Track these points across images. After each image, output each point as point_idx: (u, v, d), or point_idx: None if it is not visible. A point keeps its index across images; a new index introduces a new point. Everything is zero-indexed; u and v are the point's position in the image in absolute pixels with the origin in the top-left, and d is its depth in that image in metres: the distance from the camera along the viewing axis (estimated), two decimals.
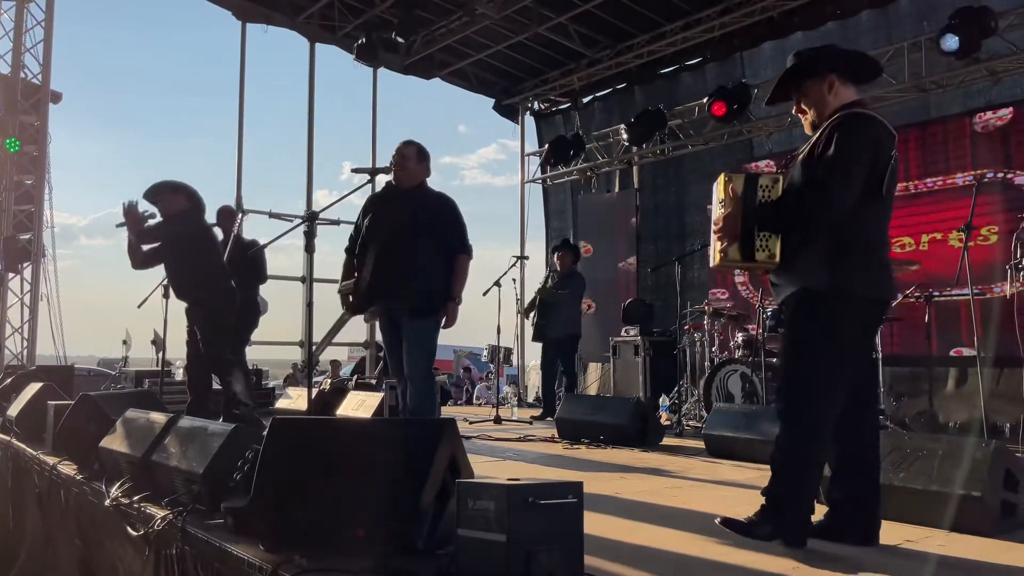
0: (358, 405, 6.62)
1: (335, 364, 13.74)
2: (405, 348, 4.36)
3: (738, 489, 3.89)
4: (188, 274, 5.56)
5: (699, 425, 6.81)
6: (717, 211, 2.72)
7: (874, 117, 2.67)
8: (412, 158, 4.45)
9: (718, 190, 2.72)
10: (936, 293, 6.82)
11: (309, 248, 4.05)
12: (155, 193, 5.53)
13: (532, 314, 8.58)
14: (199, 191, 5.70)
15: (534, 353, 11.70)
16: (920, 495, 2.97)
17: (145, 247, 5.53)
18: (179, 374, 9.05)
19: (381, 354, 10.13)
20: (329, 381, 9.73)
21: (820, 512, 2.79)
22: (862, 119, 2.64)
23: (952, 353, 7.60)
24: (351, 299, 4.50)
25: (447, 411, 8.74)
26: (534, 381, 13.23)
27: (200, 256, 5.57)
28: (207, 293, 5.56)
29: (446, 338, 4.76)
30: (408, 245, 4.27)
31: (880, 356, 6.59)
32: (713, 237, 2.75)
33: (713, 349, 7.92)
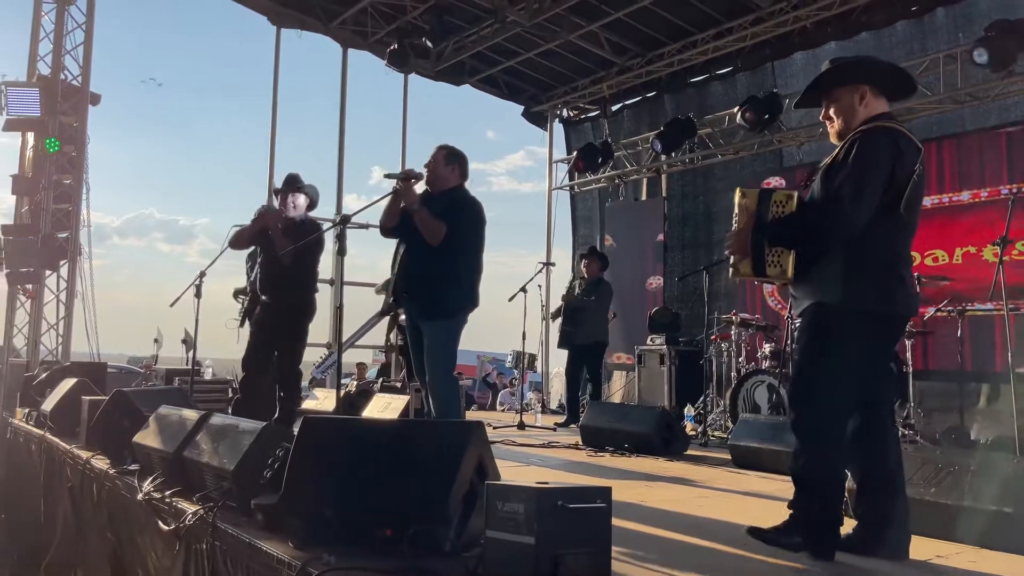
0: (384, 407, 6.65)
1: (361, 367, 13.81)
2: (425, 349, 4.34)
3: (765, 500, 3.86)
4: (293, 274, 5.39)
5: (724, 436, 6.76)
6: (733, 222, 2.75)
7: (898, 131, 2.64)
8: (440, 161, 4.38)
9: (734, 204, 2.75)
10: (969, 307, 6.72)
11: (341, 251, 4.09)
12: (290, 184, 5.51)
13: (558, 320, 8.57)
14: (233, 196, 5.72)
15: (557, 360, 11.71)
16: (951, 510, 2.93)
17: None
18: (208, 373, 9.18)
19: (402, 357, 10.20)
20: (355, 383, 9.79)
21: (849, 526, 2.77)
22: (884, 133, 2.62)
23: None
24: (385, 299, 4.51)
25: (470, 416, 8.76)
26: (557, 388, 13.22)
27: (309, 260, 5.49)
28: (306, 298, 5.54)
29: (470, 343, 4.73)
30: (428, 250, 4.21)
31: (910, 370, 6.52)
32: (727, 251, 2.77)
33: (740, 360, 7.87)
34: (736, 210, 2.73)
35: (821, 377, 2.64)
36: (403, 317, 4.70)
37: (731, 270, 2.78)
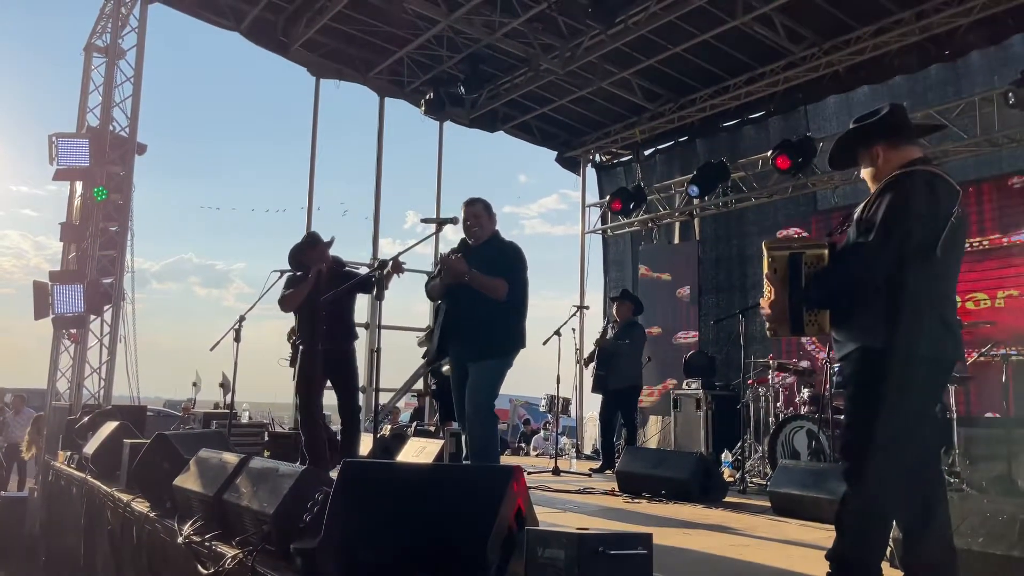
0: (418, 451, 6.66)
1: (394, 411, 13.83)
2: (468, 387, 4.41)
3: (806, 549, 3.79)
4: (350, 321, 5.67)
5: (763, 482, 6.65)
6: (765, 290, 2.75)
7: (932, 175, 2.63)
8: (484, 215, 4.61)
9: (764, 263, 2.75)
10: (1014, 352, 6.58)
11: (379, 296, 4.16)
12: (310, 247, 5.68)
13: (592, 364, 8.54)
14: (270, 240, 5.85)
15: (592, 404, 11.63)
16: (1000, 561, 2.85)
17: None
18: (245, 417, 9.27)
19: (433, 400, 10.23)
20: (389, 427, 9.80)
21: None
22: (918, 176, 2.61)
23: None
24: (427, 350, 4.60)
25: (504, 460, 8.70)
26: (591, 433, 13.09)
27: (354, 304, 5.72)
28: (353, 343, 5.71)
29: (504, 387, 4.75)
30: (476, 295, 4.35)
31: (955, 416, 6.37)
32: (763, 314, 2.78)
33: (778, 405, 7.75)
34: (766, 269, 2.74)
35: (870, 424, 2.60)
36: (446, 367, 4.76)
37: (769, 332, 2.80)
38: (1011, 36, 8.30)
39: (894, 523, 2.77)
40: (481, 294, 4.34)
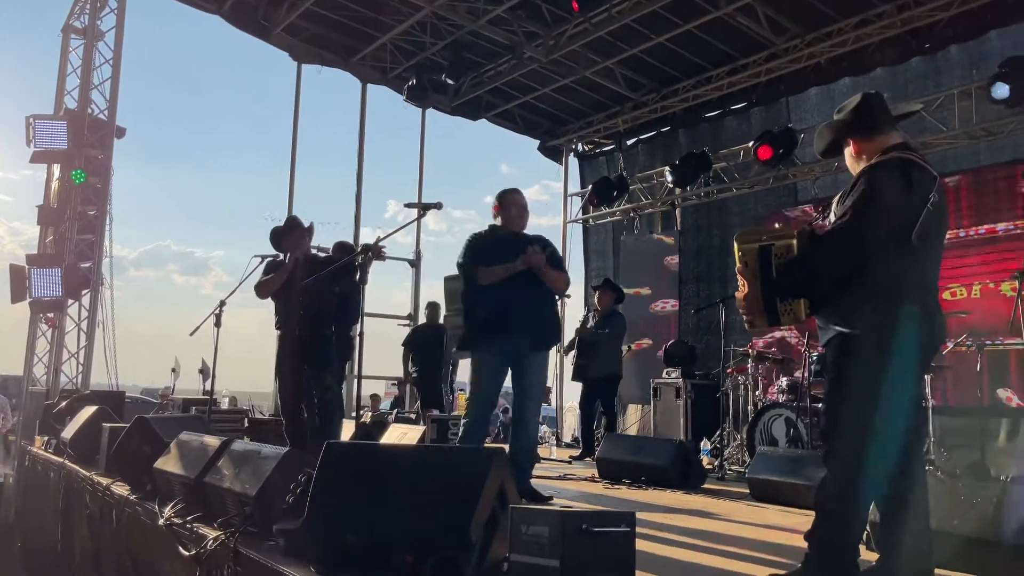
0: (400, 438, 6.65)
1: (374, 398, 13.81)
2: (531, 379, 4.60)
3: (785, 533, 3.85)
4: (329, 307, 5.61)
5: (742, 470, 6.72)
6: (739, 283, 2.78)
7: (907, 161, 2.65)
8: (526, 208, 4.78)
9: (735, 257, 2.78)
10: (988, 342, 6.68)
11: (362, 280, 4.15)
12: (288, 230, 5.67)
13: (572, 353, 8.57)
14: (252, 228, 5.82)
15: (571, 393, 11.68)
16: (974, 543, 2.91)
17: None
18: (224, 403, 9.20)
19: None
20: (369, 414, 9.79)
21: (872, 558, 2.75)
22: (893, 164, 2.64)
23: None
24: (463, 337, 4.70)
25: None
26: (570, 422, 13.15)
27: (348, 291, 5.65)
28: (331, 328, 5.70)
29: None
30: (539, 289, 4.54)
31: (930, 405, 6.46)
32: (738, 308, 2.82)
33: (756, 393, 7.83)
34: (738, 264, 2.77)
35: (850, 409, 2.63)
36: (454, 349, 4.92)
37: (747, 325, 2.85)
38: (988, 31, 8.39)
39: (871, 505, 2.82)
40: (543, 287, 4.52)
